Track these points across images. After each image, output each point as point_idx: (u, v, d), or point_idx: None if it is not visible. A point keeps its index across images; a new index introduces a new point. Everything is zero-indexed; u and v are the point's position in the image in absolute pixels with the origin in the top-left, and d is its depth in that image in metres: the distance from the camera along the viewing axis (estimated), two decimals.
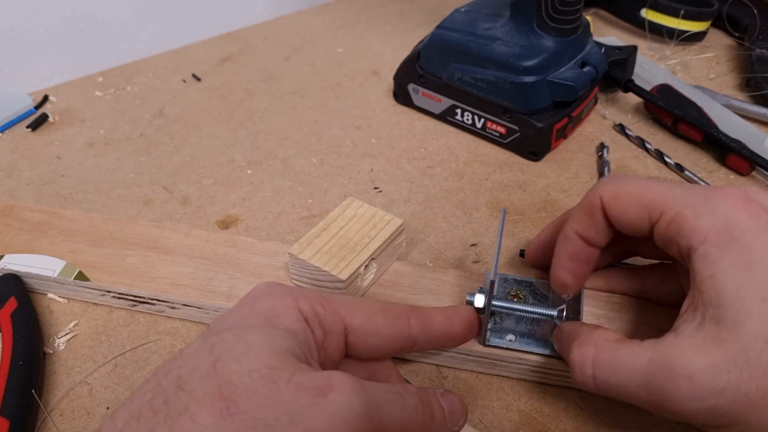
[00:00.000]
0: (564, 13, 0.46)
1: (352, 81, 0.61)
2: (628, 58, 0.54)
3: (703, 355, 0.23)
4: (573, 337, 0.29)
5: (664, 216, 0.27)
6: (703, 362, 0.23)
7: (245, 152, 0.52)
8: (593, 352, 0.27)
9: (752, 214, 0.25)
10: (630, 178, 0.29)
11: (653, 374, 0.24)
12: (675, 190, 0.27)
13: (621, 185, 0.29)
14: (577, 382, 0.28)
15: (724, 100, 0.54)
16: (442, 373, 0.35)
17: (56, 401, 0.34)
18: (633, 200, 0.28)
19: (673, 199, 0.27)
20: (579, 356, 0.27)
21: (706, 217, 0.25)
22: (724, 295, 0.24)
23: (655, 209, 0.27)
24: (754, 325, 0.23)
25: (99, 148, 0.53)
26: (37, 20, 0.59)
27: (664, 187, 0.28)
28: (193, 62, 0.65)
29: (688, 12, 0.60)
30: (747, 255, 0.24)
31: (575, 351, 0.28)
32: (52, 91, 0.60)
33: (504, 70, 0.47)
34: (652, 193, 0.27)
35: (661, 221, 0.27)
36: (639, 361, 0.25)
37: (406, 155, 0.51)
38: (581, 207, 0.30)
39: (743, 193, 0.26)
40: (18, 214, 0.43)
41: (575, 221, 0.31)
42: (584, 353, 0.27)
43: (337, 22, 0.72)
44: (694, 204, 0.26)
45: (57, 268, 0.39)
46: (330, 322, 0.27)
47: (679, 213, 0.26)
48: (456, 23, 0.50)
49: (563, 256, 0.32)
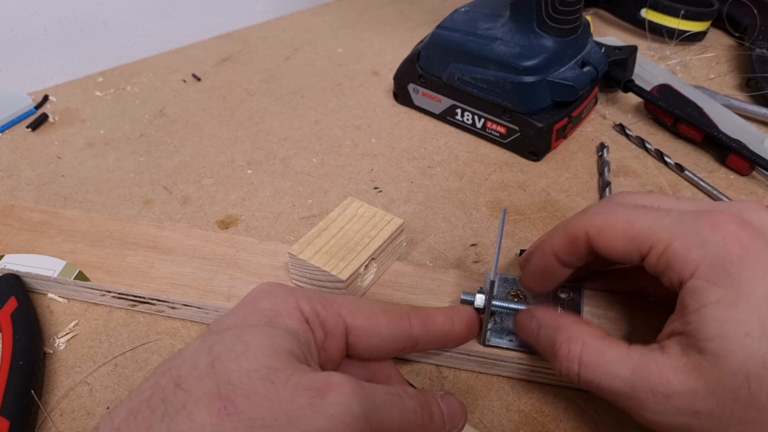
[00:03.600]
0: (564, 13, 0.46)
1: (352, 81, 0.61)
2: (628, 58, 0.54)
3: (684, 379, 0.24)
4: (556, 328, 0.29)
5: (654, 250, 0.26)
6: (682, 386, 0.24)
7: (245, 152, 0.52)
8: (581, 350, 0.27)
9: (743, 244, 0.24)
10: (616, 210, 0.28)
11: (635, 384, 0.25)
12: (663, 221, 0.26)
13: (607, 219, 0.28)
14: (559, 374, 0.28)
15: (724, 100, 0.54)
16: (443, 373, 0.35)
17: (56, 401, 0.34)
18: (620, 235, 0.27)
19: (661, 232, 0.26)
20: (567, 352, 0.28)
21: (695, 250, 0.25)
22: (708, 330, 0.24)
23: (644, 243, 0.27)
24: (734, 361, 0.23)
25: (99, 148, 0.53)
26: (37, 20, 0.59)
27: (652, 218, 0.27)
28: (193, 62, 0.65)
29: (688, 12, 0.60)
30: (735, 290, 0.24)
31: (564, 346, 0.28)
32: (52, 91, 0.60)
33: (504, 70, 0.47)
34: (639, 226, 0.27)
35: (650, 255, 0.26)
36: (623, 370, 0.26)
37: (406, 155, 0.51)
38: (564, 233, 0.30)
39: (735, 219, 0.25)
40: (18, 214, 0.43)
41: (556, 243, 0.30)
42: (572, 350, 0.27)
43: (338, 22, 0.72)
44: (683, 236, 0.25)
45: (57, 268, 0.39)
46: (331, 322, 0.27)
47: (668, 246, 0.26)
48: (456, 23, 0.50)
49: (536, 270, 0.32)
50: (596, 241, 0.28)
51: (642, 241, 0.27)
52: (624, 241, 0.27)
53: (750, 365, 0.23)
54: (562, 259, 0.30)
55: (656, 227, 0.26)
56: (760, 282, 0.24)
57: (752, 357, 0.23)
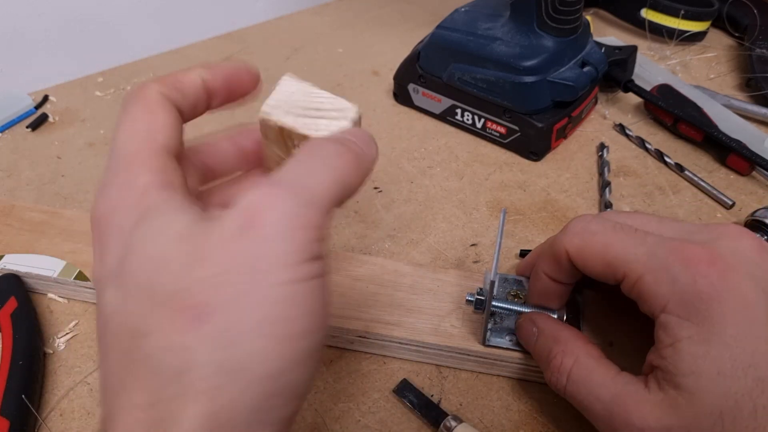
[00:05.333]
0: (564, 13, 0.46)
1: (352, 81, 0.61)
2: (628, 58, 0.54)
3: (659, 416, 0.24)
4: (554, 339, 0.30)
5: (627, 278, 0.27)
6: (657, 423, 0.24)
7: None
8: (572, 365, 0.28)
9: (713, 282, 0.24)
10: (595, 232, 0.28)
11: (612, 411, 0.26)
12: (638, 249, 0.26)
13: (586, 240, 0.28)
14: (548, 383, 0.30)
15: (725, 100, 0.54)
16: (442, 373, 0.35)
17: (56, 401, 0.34)
18: (597, 257, 0.28)
19: (634, 262, 0.26)
20: (559, 364, 0.29)
21: (665, 286, 0.25)
22: (682, 366, 0.24)
23: (618, 270, 0.27)
24: (708, 399, 0.23)
25: (99, 148, 0.53)
26: (37, 20, 0.59)
27: (628, 245, 0.27)
28: (193, 62, 0.64)
29: (688, 12, 0.60)
30: (707, 327, 0.24)
31: (557, 358, 0.29)
32: (52, 91, 0.60)
33: (504, 70, 0.47)
34: (614, 252, 0.27)
35: (624, 282, 0.27)
36: (605, 393, 0.26)
37: (406, 155, 0.51)
38: (549, 253, 0.30)
39: (707, 255, 0.25)
40: (18, 214, 0.43)
41: (544, 263, 0.31)
42: (564, 364, 0.28)
43: (338, 22, 0.72)
44: (654, 270, 0.26)
45: (57, 268, 0.39)
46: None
47: (640, 278, 0.26)
48: (456, 23, 0.50)
49: (536, 292, 0.33)
50: (575, 260, 0.29)
51: (616, 268, 0.27)
52: (600, 264, 0.28)
53: (723, 403, 0.23)
54: (552, 276, 0.31)
55: (630, 256, 0.26)
56: (730, 319, 0.24)
57: (725, 395, 0.23)
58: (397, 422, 0.33)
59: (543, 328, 0.31)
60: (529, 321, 0.32)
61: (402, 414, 0.33)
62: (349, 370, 0.35)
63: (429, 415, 0.32)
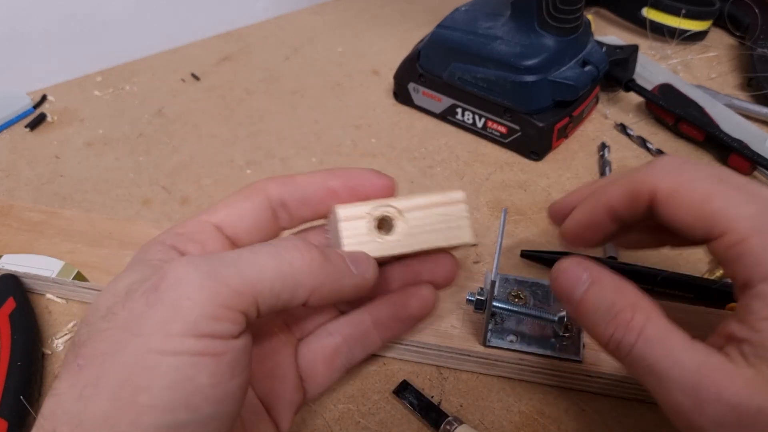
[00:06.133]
0: (565, 12, 0.45)
1: (352, 80, 0.61)
2: (629, 58, 0.54)
3: (753, 394, 0.21)
4: (616, 290, 0.25)
5: (726, 237, 0.22)
6: (750, 401, 0.21)
7: (244, 152, 0.52)
8: (645, 322, 0.23)
9: None
10: (696, 172, 0.24)
11: (699, 382, 0.22)
12: (747, 207, 0.22)
13: (682, 184, 0.24)
14: (606, 341, 0.24)
15: (726, 99, 0.54)
16: (443, 374, 0.35)
17: None
18: (693, 206, 0.23)
19: (742, 220, 0.22)
20: (629, 318, 0.24)
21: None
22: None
23: (717, 225, 0.23)
24: None
25: (98, 148, 0.53)
26: (36, 20, 0.59)
27: (735, 199, 0.23)
28: (192, 62, 0.64)
29: (690, 11, 0.60)
30: None
31: (627, 312, 0.24)
32: (51, 90, 0.60)
33: (505, 69, 0.47)
34: (716, 205, 0.23)
35: (720, 241, 0.23)
36: (690, 360, 0.22)
37: (407, 155, 0.51)
38: (626, 187, 0.26)
39: None
40: (16, 214, 0.43)
41: (614, 196, 0.26)
42: (637, 319, 0.23)
43: (337, 21, 0.72)
44: (765, 233, 0.22)
45: (55, 269, 0.39)
46: None
47: (745, 240, 0.22)
48: (456, 22, 0.50)
49: (583, 222, 0.28)
50: (662, 205, 0.24)
51: (715, 222, 0.23)
52: (694, 215, 0.23)
53: None
54: (617, 214, 0.27)
55: (738, 213, 0.22)
56: None
57: None
58: (397, 423, 0.32)
59: (599, 276, 0.26)
60: (577, 264, 0.26)
61: (402, 415, 0.33)
62: (348, 371, 0.35)
63: (429, 417, 0.32)
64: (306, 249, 0.23)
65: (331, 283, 0.24)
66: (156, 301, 0.20)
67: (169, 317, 0.20)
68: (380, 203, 0.27)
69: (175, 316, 0.20)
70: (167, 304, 0.20)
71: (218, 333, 0.20)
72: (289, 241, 0.23)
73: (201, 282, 0.20)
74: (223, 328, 0.20)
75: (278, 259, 0.22)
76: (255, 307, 0.21)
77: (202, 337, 0.20)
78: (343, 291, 0.24)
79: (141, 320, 0.20)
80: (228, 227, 0.26)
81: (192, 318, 0.20)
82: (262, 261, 0.22)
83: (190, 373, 0.20)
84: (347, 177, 0.27)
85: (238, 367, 0.21)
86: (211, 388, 0.20)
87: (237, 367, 0.21)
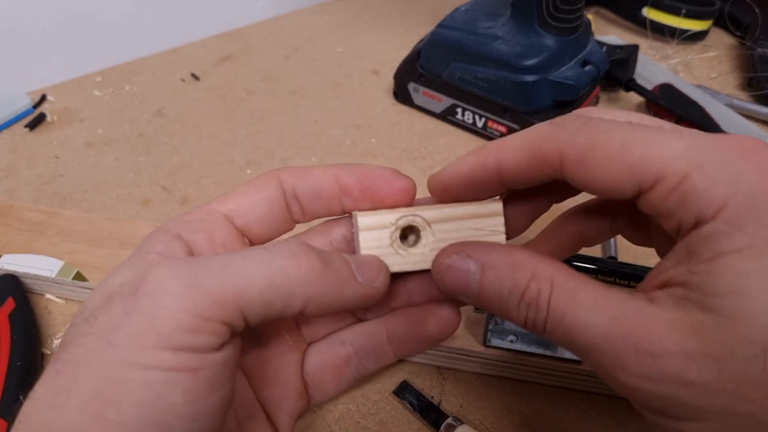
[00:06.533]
0: (565, 11, 0.45)
1: (352, 80, 0.61)
2: (630, 57, 0.54)
3: (678, 339, 0.19)
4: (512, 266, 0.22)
5: (663, 183, 0.19)
6: (674, 347, 0.19)
7: (244, 152, 0.52)
8: (549, 290, 0.21)
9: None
10: (606, 123, 0.20)
11: (613, 336, 0.20)
12: (676, 145, 0.19)
13: (596, 138, 0.20)
14: (523, 323, 0.22)
15: (726, 99, 0.54)
16: (443, 374, 0.35)
17: None
18: (614, 162, 0.20)
19: (675, 160, 0.19)
20: (534, 295, 0.21)
21: (721, 187, 0.18)
22: (722, 284, 0.18)
23: (649, 173, 0.19)
24: (753, 326, 0.18)
25: (97, 148, 0.53)
26: (35, 19, 0.59)
27: (659, 140, 0.19)
28: (192, 61, 0.64)
29: (690, 11, 0.60)
30: (766, 238, 0.18)
31: (532, 287, 0.21)
32: (51, 90, 0.60)
33: (505, 69, 0.47)
34: (642, 150, 0.19)
35: (656, 189, 0.19)
36: (600, 318, 0.20)
37: (407, 155, 0.51)
38: (525, 147, 0.22)
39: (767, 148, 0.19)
40: (16, 214, 0.43)
41: (507, 155, 0.23)
42: (542, 292, 0.21)
43: (337, 21, 0.72)
44: (706, 167, 0.19)
45: (55, 269, 0.38)
46: None
47: (685, 179, 0.19)
48: (456, 22, 0.50)
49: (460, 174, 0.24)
50: (575, 167, 0.21)
51: (646, 170, 0.19)
52: (619, 170, 0.20)
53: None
54: (508, 175, 0.23)
55: (667, 153, 0.19)
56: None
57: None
58: (398, 424, 0.32)
59: (486, 258, 0.22)
60: (459, 256, 0.23)
61: (402, 416, 0.33)
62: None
63: (429, 417, 0.32)
64: (303, 255, 0.21)
65: (331, 292, 0.22)
66: (133, 309, 0.19)
67: (143, 328, 0.19)
68: (406, 212, 0.25)
69: (149, 328, 0.19)
70: (143, 313, 0.19)
71: (195, 346, 0.19)
72: (285, 245, 0.21)
73: (180, 290, 0.19)
74: (200, 341, 0.19)
75: (270, 266, 0.20)
76: (241, 318, 0.20)
77: (177, 350, 0.19)
78: (346, 301, 0.23)
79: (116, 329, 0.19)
80: (239, 217, 0.25)
81: (167, 330, 0.19)
82: (252, 268, 0.20)
83: (162, 390, 0.18)
84: (363, 175, 0.25)
85: (217, 383, 0.20)
86: (184, 406, 0.19)
87: (216, 382, 0.20)
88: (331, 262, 0.22)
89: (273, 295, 0.20)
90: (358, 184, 0.25)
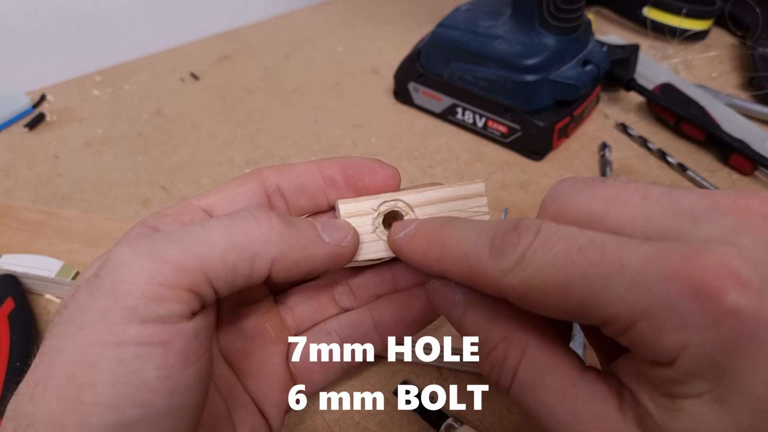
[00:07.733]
0: (565, 11, 0.45)
1: (352, 80, 0.61)
2: (630, 57, 0.54)
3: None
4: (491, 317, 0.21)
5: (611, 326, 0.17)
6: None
7: (244, 152, 0.52)
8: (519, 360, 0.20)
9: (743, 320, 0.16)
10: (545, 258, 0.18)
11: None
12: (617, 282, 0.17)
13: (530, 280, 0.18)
14: (486, 377, 0.21)
15: (727, 99, 0.53)
16: (443, 374, 0.35)
17: None
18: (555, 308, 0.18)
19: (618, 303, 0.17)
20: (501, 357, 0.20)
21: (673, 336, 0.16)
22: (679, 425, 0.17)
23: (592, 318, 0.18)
24: None
25: (97, 148, 0.53)
26: (34, 19, 0.59)
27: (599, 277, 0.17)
28: (191, 61, 0.64)
29: (691, 10, 0.60)
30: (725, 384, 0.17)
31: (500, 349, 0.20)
32: (50, 90, 0.60)
33: (505, 68, 0.47)
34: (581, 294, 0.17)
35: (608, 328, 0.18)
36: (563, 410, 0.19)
37: (407, 154, 0.51)
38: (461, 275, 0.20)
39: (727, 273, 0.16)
40: (15, 214, 0.43)
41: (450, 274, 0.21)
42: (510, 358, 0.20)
43: (337, 20, 0.72)
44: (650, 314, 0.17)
45: (54, 269, 0.38)
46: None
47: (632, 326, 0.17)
48: (457, 21, 0.50)
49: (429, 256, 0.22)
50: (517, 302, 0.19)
51: (589, 316, 0.18)
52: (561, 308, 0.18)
53: None
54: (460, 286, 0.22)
55: (608, 296, 0.17)
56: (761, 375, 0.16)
57: None
58: (398, 424, 0.32)
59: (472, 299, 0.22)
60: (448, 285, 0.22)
61: (402, 416, 0.33)
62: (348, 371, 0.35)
63: (429, 418, 0.32)
64: (263, 216, 0.21)
65: (297, 251, 0.21)
66: (96, 290, 0.19)
67: (108, 305, 0.18)
68: (388, 197, 0.25)
69: (114, 303, 0.18)
70: (106, 291, 0.19)
71: (162, 316, 0.19)
72: (246, 210, 0.21)
73: (140, 262, 0.19)
74: (167, 310, 0.19)
75: (230, 230, 0.20)
76: (208, 285, 0.20)
77: (145, 323, 0.18)
78: (313, 260, 0.22)
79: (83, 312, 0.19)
80: (218, 211, 0.24)
81: (131, 302, 0.18)
82: (212, 233, 0.20)
83: (135, 365, 0.18)
84: (346, 165, 0.25)
85: (191, 356, 0.19)
86: (159, 381, 0.18)
87: (190, 355, 0.19)
88: (294, 223, 0.22)
89: (236, 258, 0.20)
90: (341, 174, 0.25)
